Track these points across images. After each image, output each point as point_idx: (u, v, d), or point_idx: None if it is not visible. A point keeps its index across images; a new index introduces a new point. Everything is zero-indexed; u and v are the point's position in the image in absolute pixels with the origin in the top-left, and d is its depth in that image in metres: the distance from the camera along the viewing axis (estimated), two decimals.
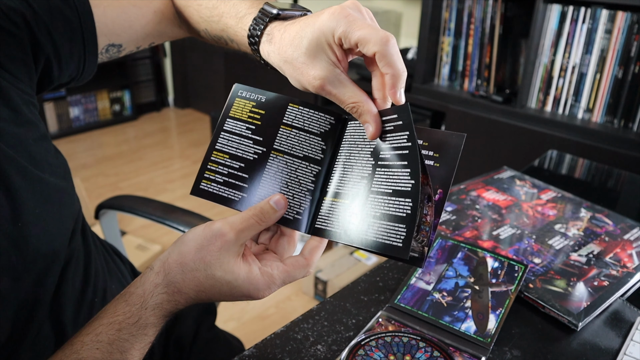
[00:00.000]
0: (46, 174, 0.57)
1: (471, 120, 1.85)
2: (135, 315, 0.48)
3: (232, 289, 0.49)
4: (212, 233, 0.48)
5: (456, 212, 0.88)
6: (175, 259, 0.49)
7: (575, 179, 1.20)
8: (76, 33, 0.61)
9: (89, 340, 0.48)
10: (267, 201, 0.51)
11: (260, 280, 0.49)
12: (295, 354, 0.60)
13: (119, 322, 0.48)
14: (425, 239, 0.47)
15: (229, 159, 0.55)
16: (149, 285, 0.49)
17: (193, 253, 0.49)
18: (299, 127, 0.56)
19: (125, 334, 0.48)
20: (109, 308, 0.49)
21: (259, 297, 0.50)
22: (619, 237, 0.84)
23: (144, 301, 0.49)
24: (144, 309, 0.49)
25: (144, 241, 2.20)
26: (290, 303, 2.02)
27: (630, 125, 1.62)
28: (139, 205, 1.08)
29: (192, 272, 0.49)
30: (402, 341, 0.60)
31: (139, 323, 0.48)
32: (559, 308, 0.67)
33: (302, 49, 0.50)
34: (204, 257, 0.48)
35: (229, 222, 0.49)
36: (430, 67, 2.01)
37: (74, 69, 0.63)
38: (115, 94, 3.77)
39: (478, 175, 1.03)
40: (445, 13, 1.93)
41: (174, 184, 2.95)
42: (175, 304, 0.50)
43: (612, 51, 1.60)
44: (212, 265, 0.48)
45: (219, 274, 0.48)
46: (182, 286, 0.49)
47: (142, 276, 0.50)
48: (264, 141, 0.55)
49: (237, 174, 0.55)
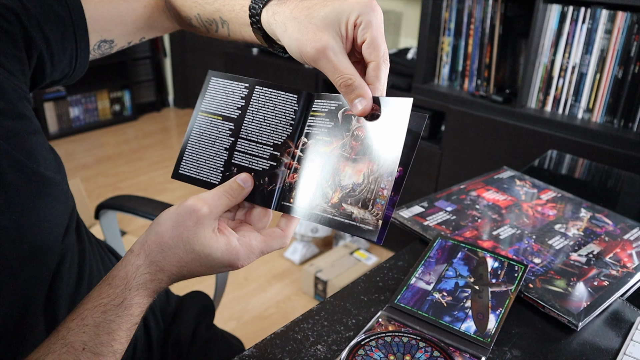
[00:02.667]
0: (41, 167, 0.57)
1: (471, 120, 1.85)
2: (119, 296, 0.49)
3: (212, 261, 0.50)
4: (186, 209, 0.50)
5: (456, 212, 0.88)
6: (153, 239, 0.50)
7: (575, 179, 1.20)
8: (68, 29, 0.61)
9: (74, 325, 0.48)
10: (235, 179, 0.54)
11: (240, 249, 0.51)
12: (295, 354, 0.61)
13: (104, 304, 0.49)
14: (379, 212, 0.48)
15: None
16: (130, 267, 0.50)
17: (170, 231, 0.50)
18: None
19: (111, 315, 0.49)
20: (93, 293, 0.50)
21: (238, 266, 0.52)
22: (619, 237, 0.84)
23: (127, 282, 0.50)
24: (128, 289, 0.49)
25: None
26: (290, 303, 2.02)
27: (630, 125, 1.62)
28: (139, 205, 1.08)
29: (171, 250, 0.50)
30: (402, 341, 0.60)
31: (124, 304, 0.49)
32: (559, 308, 0.67)
33: (320, 13, 0.50)
34: (180, 233, 0.50)
35: (201, 198, 0.51)
36: (430, 67, 2.01)
37: (66, 65, 0.63)
38: (115, 94, 3.77)
39: (478, 175, 1.03)
40: (445, 13, 1.93)
41: (174, 184, 2.95)
42: (159, 283, 0.51)
43: (612, 51, 1.60)
44: (190, 240, 0.50)
45: (198, 248, 0.50)
46: (163, 264, 0.50)
47: (123, 260, 0.51)
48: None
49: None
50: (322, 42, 0.49)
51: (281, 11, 0.53)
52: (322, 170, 0.53)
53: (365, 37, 0.49)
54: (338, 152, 0.53)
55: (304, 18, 0.51)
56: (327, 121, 0.54)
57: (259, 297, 2.04)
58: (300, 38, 0.51)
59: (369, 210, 0.49)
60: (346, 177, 0.51)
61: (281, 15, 0.53)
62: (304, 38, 0.50)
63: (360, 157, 0.51)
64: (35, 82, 0.62)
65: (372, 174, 0.50)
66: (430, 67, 2.01)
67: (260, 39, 0.59)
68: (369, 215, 0.49)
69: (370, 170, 0.50)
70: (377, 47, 0.50)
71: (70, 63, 0.64)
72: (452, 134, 1.92)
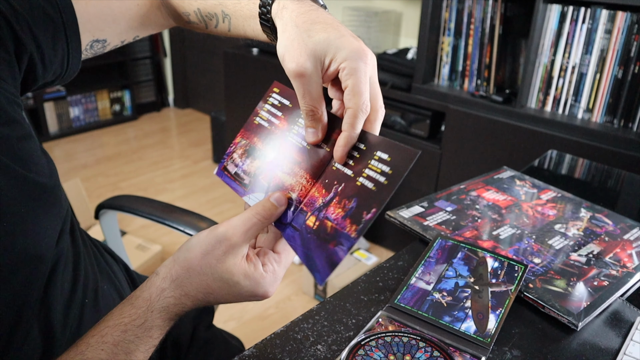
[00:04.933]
0: (32, 173, 0.56)
1: (471, 120, 1.85)
2: (141, 317, 0.49)
3: (240, 289, 0.50)
4: (217, 238, 0.49)
5: (456, 212, 0.88)
6: (181, 264, 0.50)
7: (575, 179, 1.20)
8: (58, 29, 0.60)
9: (94, 341, 0.48)
10: (268, 199, 0.52)
11: (266, 278, 0.51)
12: (295, 354, 0.61)
13: (125, 324, 0.49)
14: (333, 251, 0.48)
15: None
16: (155, 290, 0.50)
17: (199, 258, 0.49)
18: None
19: (130, 335, 0.48)
20: (115, 311, 0.50)
21: (266, 295, 0.52)
22: (619, 237, 0.84)
23: (150, 304, 0.49)
24: (150, 311, 0.49)
25: (144, 241, 2.20)
26: (290, 303, 2.02)
27: (630, 125, 1.62)
28: (139, 205, 1.08)
29: (199, 276, 0.50)
30: (402, 341, 0.60)
31: (145, 325, 0.49)
32: (558, 308, 0.67)
33: (316, 37, 0.50)
34: (209, 261, 0.49)
35: (232, 225, 0.50)
36: (430, 67, 2.01)
37: (58, 67, 0.62)
38: (115, 94, 3.77)
39: (478, 175, 1.03)
40: (445, 13, 1.93)
41: (174, 184, 2.95)
42: (182, 307, 0.51)
43: (612, 51, 1.60)
44: (219, 268, 0.49)
45: (227, 276, 0.49)
46: (189, 289, 0.50)
47: (148, 281, 0.51)
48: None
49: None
50: (302, 66, 0.49)
51: (290, 8, 0.53)
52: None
53: (347, 83, 0.49)
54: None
55: (302, 32, 0.50)
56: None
57: None
58: (289, 48, 0.51)
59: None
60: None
61: (289, 12, 0.53)
62: (291, 50, 0.50)
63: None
64: (27, 85, 0.61)
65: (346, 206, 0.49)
66: (430, 67, 2.01)
67: (267, 30, 0.58)
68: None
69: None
70: (357, 94, 0.48)
71: (62, 64, 0.63)
72: (452, 134, 1.92)
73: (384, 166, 0.48)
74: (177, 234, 1.05)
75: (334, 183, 0.52)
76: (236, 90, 2.66)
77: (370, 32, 2.31)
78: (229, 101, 2.73)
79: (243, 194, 0.59)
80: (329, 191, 0.52)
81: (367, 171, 0.49)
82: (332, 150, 0.53)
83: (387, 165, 0.48)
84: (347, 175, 0.51)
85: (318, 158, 0.54)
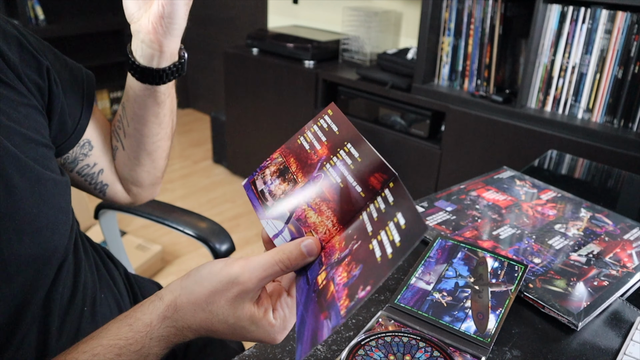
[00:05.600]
0: (47, 170, 0.59)
1: (471, 120, 1.85)
2: (138, 342, 0.47)
3: (246, 334, 0.48)
4: (230, 279, 0.46)
5: (456, 212, 0.88)
6: (187, 297, 0.48)
7: (575, 179, 1.20)
8: (80, 95, 0.70)
9: (85, 358, 0.47)
10: (298, 246, 0.47)
11: (275, 325, 0.48)
12: (295, 354, 0.60)
13: (120, 346, 0.47)
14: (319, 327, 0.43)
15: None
16: (156, 317, 0.48)
17: (207, 295, 0.47)
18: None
19: (124, 358, 0.47)
20: (111, 329, 0.48)
21: (274, 342, 0.49)
22: (619, 237, 0.84)
23: (149, 331, 0.48)
24: (149, 338, 0.47)
25: (144, 241, 2.20)
26: None
27: (630, 125, 1.62)
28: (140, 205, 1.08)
29: (204, 313, 0.47)
30: (402, 341, 0.60)
31: (142, 351, 0.47)
32: (559, 308, 0.67)
33: None
34: (218, 301, 0.46)
35: (249, 269, 0.46)
36: (430, 67, 2.01)
37: (69, 129, 0.68)
38: (115, 94, 3.77)
39: (478, 175, 1.03)
40: (445, 13, 1.93)
41: (174, 184, 2.95)
42: (183, 338, 0.49)
43: (612, 51, 1.60)
44: (226, 311, 0.47)
45: (232, 321, 0.47)
46: (191, 323, 0.48)
47: (150, 304, 0.49)
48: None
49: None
50: None
51: None
52: None
53: None
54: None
55: None
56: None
57: None
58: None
59: None
60: None
61: None
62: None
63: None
64: None
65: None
66: (430, 67, 2.01)
67: None
68: None
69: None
70: None
71: (72, 127, 0.69)
72: (452, 134, 1.92)
73: (397, 235, 0.43)
74: (177, 234, 1.04)
75: (353, 237, 0.46)
76: (236, 90, 2.66)
77: (370, 32, 2.31)
78: (229, 101, 2.73)
79: (263, 216, 0.54)
80: (347, 246, 0.46)
81: (382, 234, 0.44)
82: (366, 196, 0.48)
83: (399, 235, 0.43)
84: (366, 232, 0.45)
85: (350, 202, 0.49)
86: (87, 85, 0.70)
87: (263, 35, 2.52)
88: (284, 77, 2.42)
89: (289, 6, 2.87)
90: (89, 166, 0.73)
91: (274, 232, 0.53)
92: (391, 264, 0.41)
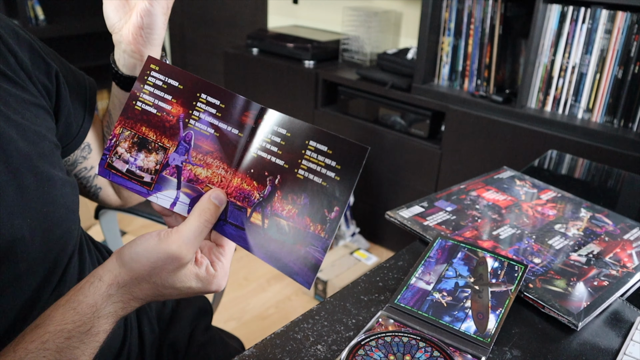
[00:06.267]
0: (56, 169, 0.60)
1: (471, 120, 1.85)
2: (87, 324, 0.49)
3: (193, 290, 0.52)
4: (168, 255, 0.48)
5: (456, 212, 0.88)
6: (127, 274, 0.50)
7: (575, 179, 1.20)
8: (84, 103, 0.72)
9: (34, 347, 0.47)
10: (209, 199, 0.51)
11: (217, 275, 0.52)
12: (295, 354, 0.60)
13: (68, 330, 0.48)
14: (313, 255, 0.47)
15: None
16: (100, 297, 0.49)
17: (148, 270, 0.49)
18: None
19: (75, 341, 0.48)
20: (55, 316, 0.49)
21: (219, 290, 0.53)
22: (619, 237, 0.84)
23: (96, 310, 0.49)
24: (97, 317, 0.49)
25: None
26: (290, 303, 2.02)
27: (630, 125, 1.62)
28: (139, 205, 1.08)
29: (148, 284, 0.50)
30: (402, 341, 0.60)
31: (92, 331, 0.49)
32: (559, 308, 0.67)
33: None
34: (160, 273, 0.49)
35: (184, 241, 0.48)
36: (430, 67, 2.01)
37: (74, 131, 0.70)
38: None
39: (478, 175, 1.03)
40: (445, 13, 1.93)
41: None
42: (130, 308, 0.51)
43: (612, 51, 1.60)
44: (170, 279, 0.50)
45: (179, 285, 0.50)
46: (138, 294, 0.51)
47: (90, 286, 0.50)
48: None
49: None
50: None
51: None
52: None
53: None
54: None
55: None
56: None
57: (258, 297, 2.04)
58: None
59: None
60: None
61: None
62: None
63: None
64: None
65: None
66: (430, 67, 2.01)
67: None
68: None
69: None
70: None
71: (76, 131, 0.71)
72: (452, 134, 1.92)
73: (326, 159, 0.46)
74: None
75: (264, 174, 0.49)
76: (236, 90, 2.65)
77: (370, 32, 2.31)
78: None
79: (147, 194, 0.54)
80: (263, 184, 0.49)
81: (306, 163, 0.47)
82: (245, 135, 0.50)
83: (330, 159, 0.46)
84: (279, 166, 0.48)
85: (231, 144, 0.51)
86: (90, 90, 0.74)
87: (263, 35, 2.52)
88: (284, 77, 2.42)
89: (289, 6, 2.87)
90: (86, 169, 0.75)
91: (169, 202, 0.54)
92: (345, 185, 0.45)
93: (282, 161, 0.48)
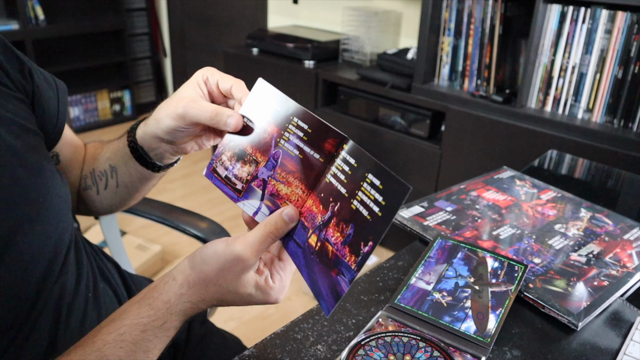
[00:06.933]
0: (44, 160, 0.61)
1: (471, 120, 1.85)
2: (161, 318, 0.52)
3: (252, 299, 0.55)
4: (233, 256, 0.52)
5: (456, 212, 0.88)
6: (197, 275, 0.54)
7: (575, 179, 1.20)
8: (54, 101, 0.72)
9: (111, 339, 0.50)
10: (280, 215, 0.54)
11: (275, 288, 0.55)
12: (295, 354, 0.61)
13: (144, 324, 0.52)
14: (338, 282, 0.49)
15: None
16: (173, 295, 0.53)
17: (215, 272, 0.53)
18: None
19: (149, 335, 0.52)
20: (131, 311, 0.53)
21: (277, 302, 0.56)
22: (619, 237, 0.84)
23: (169, 307, 0.53)
24: (170, 314, 0.53)
25: (144, 241, 2.20)
26: (290, 303, 2.02)
27: (630, 125, 1.62)
28: (139, 205, 1.08)
29: (215, 287, 0.53)
30: (402, 341, 0.60)
31: (165, 326, 0.53)
32: (559, 308, 0.67)
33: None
34: (226, 276, 0.53)
35: (249, 245, 0.52)
36: (430, 67, 2.01)
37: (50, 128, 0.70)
38: (115, 94, 3.76)
39: (478, 175, 1.03)
40: (445, 13, 1.93)
41: (174, 184, 2.95)
42: (197, 310, 0.55)
43: (612, 51, 1.60)
44: (234, 283, 0.53)
45: (241, 290, 0.53)
46: (205, 296, 0.54)
47: (165, 285, 0.54)
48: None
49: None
50: (186, 97, 0.60)
51: (150, 123, 0.64)
52: None
53: (215, 79, 0.62)
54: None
55: (165, 106, 0.61)
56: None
57: None
58: (168, 110, 0.60)
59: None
60: None
61: (150, 120, 0.64)
62: (171, 107, 0.60)
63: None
64: None
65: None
66: (430, 67, 2.01)
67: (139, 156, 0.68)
68: None
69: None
70: (227, 79, 0.62)
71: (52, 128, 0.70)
72: (452, 134, 1.92)
73: (377, 194, 0.47)
74: (177, 234, 1.05)
75: (329, 200, 0.52)
76: None
77: (370, 32, 2.31)
78: None
79: (237, 200, 0.59)
80: (327, 209, 0.52)
81: (361, 195, 0.49)
82: (325, 161, 0.53)
83: (379, 194, 0.47)
84: (341, 194, 0.51)
85: (312, 167, 0.54)
86: (61, 93, 0.72)
87: (263, 35, 2.52)
88: (284, 77, 2.42)
89: (289, 6, 2.87)
90: None
91: (252, 210, 0.58)
92: (383, 222, 0.46)
93: (344, 189, 0.51)
